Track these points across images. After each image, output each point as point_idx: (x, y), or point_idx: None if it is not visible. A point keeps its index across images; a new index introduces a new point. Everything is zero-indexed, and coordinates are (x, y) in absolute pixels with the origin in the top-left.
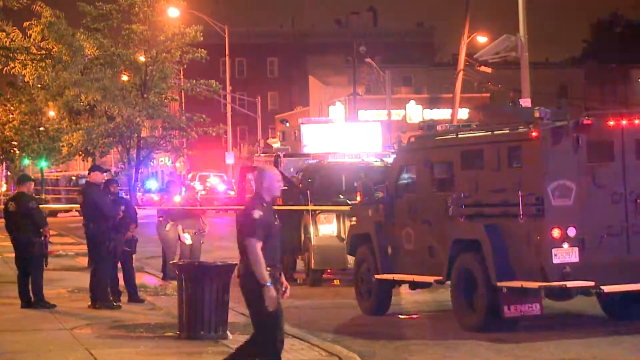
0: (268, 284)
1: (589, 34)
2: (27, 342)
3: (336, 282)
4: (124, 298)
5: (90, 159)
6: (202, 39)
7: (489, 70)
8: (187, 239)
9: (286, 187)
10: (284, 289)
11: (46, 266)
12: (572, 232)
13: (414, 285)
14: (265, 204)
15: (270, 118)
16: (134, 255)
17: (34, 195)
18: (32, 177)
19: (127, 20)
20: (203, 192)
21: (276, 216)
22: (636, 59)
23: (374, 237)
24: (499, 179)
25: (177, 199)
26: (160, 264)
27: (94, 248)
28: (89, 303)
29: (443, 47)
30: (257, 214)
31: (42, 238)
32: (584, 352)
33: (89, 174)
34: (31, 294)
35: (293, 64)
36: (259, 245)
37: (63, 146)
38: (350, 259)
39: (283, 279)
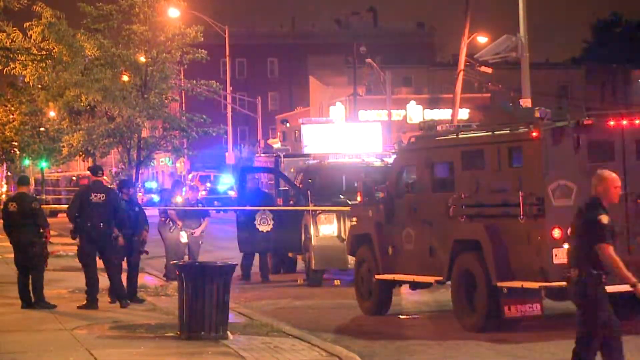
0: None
1: (589, 34)
2: (27, 343)
3: (336, 282)
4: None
5: (90, 159)
6: (202, 39)
7: (489, 70)
8: (183, 237)
9: (286, 188)
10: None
11: (46, 266)
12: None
13: (414, 286)
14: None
15: (271, 118)
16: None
17: (34, 195)
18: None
19: (128, 21)
20: (203, 192)
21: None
22: (636, 59)
23: (375, 237)
24: (500, 179)
25: (178, 199)
26: (162, 264)
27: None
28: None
29: (443, 47)
30: (605, 218)
31: (44, 239)
32: None
33: (100, 175)
34: (31, 294)
35: (293, 65)
36: (611, 248)
37: (63, 146)
38: (351, 259)
39: None
